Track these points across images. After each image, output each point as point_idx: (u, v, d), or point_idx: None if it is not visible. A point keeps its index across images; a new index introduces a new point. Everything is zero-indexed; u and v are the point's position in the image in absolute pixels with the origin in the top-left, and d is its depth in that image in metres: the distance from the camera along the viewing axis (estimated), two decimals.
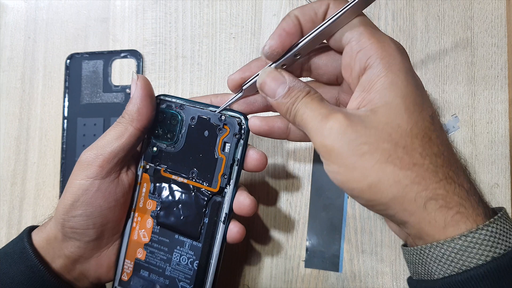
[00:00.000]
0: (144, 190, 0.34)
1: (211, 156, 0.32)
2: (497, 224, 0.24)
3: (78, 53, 0.45)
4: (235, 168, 0.31)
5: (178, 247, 0.33)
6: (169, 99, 0.33)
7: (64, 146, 0.44)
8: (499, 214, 0.25)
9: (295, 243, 0.41)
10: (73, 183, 0.31)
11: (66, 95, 0.45)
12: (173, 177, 0.33)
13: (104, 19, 0.45)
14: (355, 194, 0.26)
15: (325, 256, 0.40)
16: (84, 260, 0.33)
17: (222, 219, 0.32)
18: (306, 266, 0.40)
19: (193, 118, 0.32)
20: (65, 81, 0.45)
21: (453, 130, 0.40)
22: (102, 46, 0.45)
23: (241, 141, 0.31)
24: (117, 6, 0.45)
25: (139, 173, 0.33)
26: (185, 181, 0.33)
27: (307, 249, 0.40)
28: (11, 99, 0.46)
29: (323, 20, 0.27)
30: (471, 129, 0.40)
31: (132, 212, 0.34)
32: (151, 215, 0.33)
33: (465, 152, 0.40)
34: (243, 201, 0.32)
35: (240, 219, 0.42)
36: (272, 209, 0.41)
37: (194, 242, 0.32)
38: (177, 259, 0.33)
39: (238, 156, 0.31)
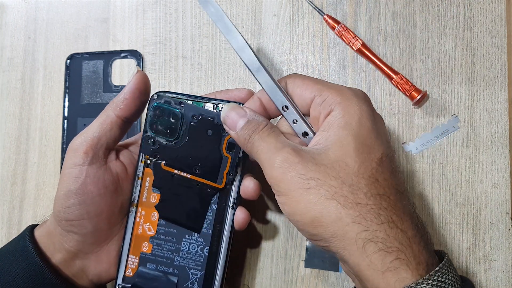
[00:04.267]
0: (147, 184, 0.34)
1: (215, 154, 0.33)
2: (438, 276, 0.24)
3: (78, 53, 0.45)
4: (242, 159, 0.32)
5: (187, 236, 0.33)
6: (170, 95, 0.33)
7: (64, 146, 0.44)
8: (440, 265, 0.25)
9: (295, 243, 0.41)
10: (64, 173, 0.32)
11: (66, 95, 0.45)
12: (175, 171, 0.33)
13: (104, 19, 0.45)
14: (299, 227, 0.27)
15: (325, 256, 0.40)
16: (84, 255, 0.33)
17: (231, 204, 0.33)
18: (306, 266, 0.40)
19: (194, 116, 0.32)
20: (65, 81, 0.45)
21: (452, 130, 0.40)
22: (102, 46, 0.45)
23: None
24: (117, 6, 0.45)
25: (140, 168, 0.34)
26: (188, 176, 0.33)
27: (307, 249, 0.40)
28: (11, 99, 0.46)
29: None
30: (471, 129, 0.40)
31: (134, 208, 0.34)
32: (156, 208, 0.34)
33: (465, 152, 0.40)
34: (248, 185, 0.33)
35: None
36: (272, 209, 0.41)
37: (203, 229, 0.33)
38: (186, 247, 0.33)
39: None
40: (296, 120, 0.30)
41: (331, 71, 0.42)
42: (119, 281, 0.34)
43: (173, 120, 0.32)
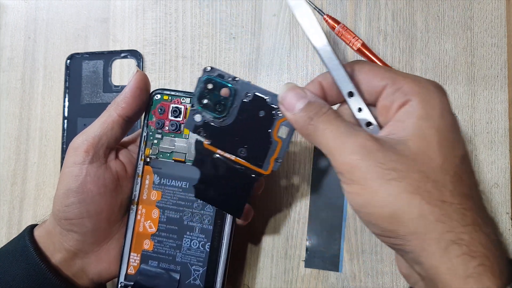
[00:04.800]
0: (147, 182, 0.34)
1: (265, 138, 0.30)
2: None
3: (78, 53, 0.45)
4: None
5: (188, 233, 0.33)
6: (168, 92, 0.33)
7: (64, 146, 0.44)
8: None
9: (295, 243, 0.41)
10: (64, 172, 0.32)
11: (66, 95, 0.45)
12: (218, 151, 0.31)
13: (104, 19, 0.45)
14: (372, 221, 0.24)
15: (325, 256, 0.40)
16: (84, 254, 0.33)
17: None
18: (306, 266, 0.40)
19: (247, 93, 0.30)
20: (65, 81, 0.45)
21: None
22: (102, 46, 0.45)
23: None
24: (117, 6, 0.45)
25: (140, 166, 0.34)
26: (232, 157, 0.31)
27: (307, 249, 0.40)
28: (11, 99, 0.46)
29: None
30: (471, 129, 0.40)
31: (135, 206, 0.34)
32: (157, 206, 0.34)
33: None
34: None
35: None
36: (272, 209, 0.41)
37: (204, 225, 0.33)
38: (187, 244, 0.33)
39: None
40: (361, 109, 0.27)
41: None
42: (121, 279, 0.34)
43: (223, 95, 0.30)
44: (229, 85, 0.30)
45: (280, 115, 0.30)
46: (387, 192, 0.23)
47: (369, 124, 0.28)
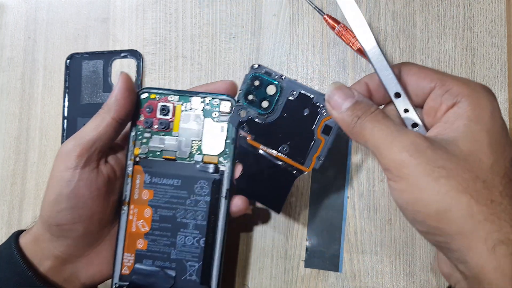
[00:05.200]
0: (138, 181, 0.34)
1: (308, 135, 0.32)
2: None
3: (78, 53, 0.45)
4: (231, 146, 0.33)
5: (182, 229, 0.33)
6: (156, 91, 0.34)
7: None
8: None
9: (295, 243, 0.41)
10: (54, 177, 0.31)
11: (66, 95, 0.45)
12: (261, 147, 0.33)
13: (104, 19, 0.45)
14: (418, 218, 0.25)
15: (325, 256, 0.40)
16: (75, 259, 0.33)
17: (224, 194, 0.33)
18: (306, 266, 0.40)
19: (293, 91, 0.32)
20: (65, 81, 0.45)
21: None
22: (102, 46, 0.45)
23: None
24: (117, 6, 0.45)
25: (130, 166, 0.34)
26: (274, 153, 0.33)
27: (307, 249, 0.40)
28: (11, 99, 0.46)
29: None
30: None
31: (126, 206, 0.34)
32: (149, 204, 0.34)
33: None
34: (236, 202, 0.33)
35: (242, 218, 0.42)
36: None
37: (198, 221, 0.33)
38: (182, 241, 0.33)
39: (233, 135, 0.33)
40: (407, 110, 0.28)
41: (331, 71, 0.42)
42: (116, 280, 0.33)
43: (270, 93, 0.32)
44: (276, 82, 0.31)
45: (324, 114, 0.31)
46: (436, 189, 0.23)
47: (415, 125, 0.28)
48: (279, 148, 0.32)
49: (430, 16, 0.41)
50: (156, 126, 0.34)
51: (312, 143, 0.32)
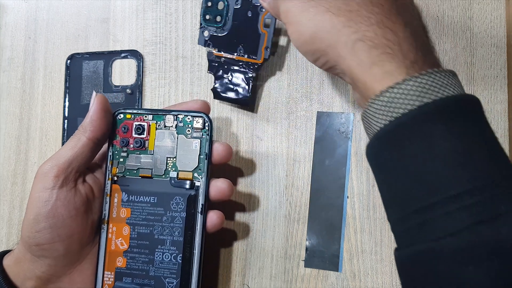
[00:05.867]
0: (116, 200, 0.35)
1: (255, 33, 0.38)
2: (429, 77, 0.24)
3: (78, 53, 0.45)
4: (205, 161, 0.34)
5: (159, 246, 0.34)
6: (130, 111, 0.35)
7: None
8: (436, 69, 0.24)
9: (294, 243, 0.41)
10: (33, 197, 0.32)
11: (67, 95, 0.45)
12: (224, 54, 0.39)
13: (105, 19, 0.45)
14: (303, 49, 0.29)
15: (324, 256, 0.40)
16: (56, 279, 0.33)
17: (200, 210, 0.34)
18: (306, 265, 0.40)
19: (237, 1, 0.38)
20: (66, 81, 0.45)
21: None
22: (102, 46, 0.45)
23: (207, 137, 0.34)
24: (118, 6, 0.45)
25: (108, 185, 0.34)
26: (235, 56, 0.39)
27: (306, 249, 0.40)
28: (12, 99, 0.46)
29: None
30: None
31: (105, 224, 0.34)
32: (127, 223, 0.34)
33: None
34: (221, 185, 0.34)
35: (242, 218, 0.42)
36: (272, 209, 0.41)
37: (174, 237, 0.34)
38: (159, 257, 0.34)
39: (206, 150, 0.34)
40: None
41: None
42: None
43: (220, 8, 0.38)
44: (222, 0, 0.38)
45: (263, 10, 0.37)
46: (307, 18, 0.28)
47: None
48: (237, 51, 0.39)
49: (430, 16, 0.41)
50: (132, 145, 0.35)
51: (259, 38, 0.38)
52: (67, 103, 0.45)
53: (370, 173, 0.41)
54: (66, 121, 0.44)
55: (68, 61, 0.45)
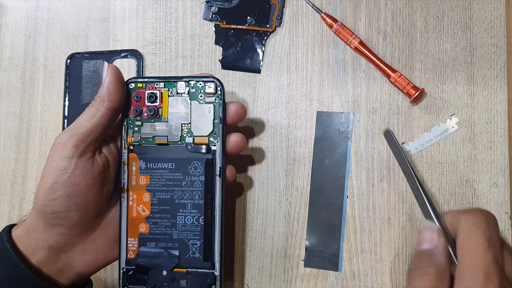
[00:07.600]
0: (134, 168, 0.35)
1: (266, 4, 0.42)
2: None
3: (78, 53, 0.45)
4: (220, 125, 0.34)
5: (181, 210, 0.34)
6: (141, 79, 0.35)
7: None
8: None
9: (294, 243, 0.41)
10: (50, 166, 0.32)
11: (67, 95, 0.45)
12: (232, 26, 0.41)
13: (105, 19, 0.45)
14: None
15: (324, 256, 0.40)
16: (69, 248, 0.33)
17: (218, 173, 0.34)
18: (306, 265, 0.40)
19: None
20: (66, 80, 0.45)
21: (452, 130, 0.40)
22: (102, 46, 0.45)
23: (220, 101, 0.35)
24: (118, 6, 0.45)
25: (125, 154, 0.35)
26: (244, 27, 0.41)
27: (306, 249, 0.40)
28: (12, 99, 0.46)
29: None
30: (470, 129, 0.40)
31: (125, 193, 0.35)
32: (147, 189, 0.35)
33: (464, 152, 0.40)
34: (235, 140, 0.35)
35: (241, 218, 0.42)
36: (272, 209, 0.41)
37: (195, 201, 0.34)
38: (182, 221, 0.34)
39: (220, 114, 0.34)
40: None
41: (331, 71, 0.42)
42: (123, 265, 0.34)
43: None
44: None
45: None
46: None
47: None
48: (247, 22, 0.41)
49: (430, 16, 0.41)
50: (145, 114, 0.35)
51: (269, 9, 0.41)
52: (67, 103, 0.45)
53: (369, 173, 0.41)
54: (66, 120, 0.44)
55: (68, 60, 0.45)
